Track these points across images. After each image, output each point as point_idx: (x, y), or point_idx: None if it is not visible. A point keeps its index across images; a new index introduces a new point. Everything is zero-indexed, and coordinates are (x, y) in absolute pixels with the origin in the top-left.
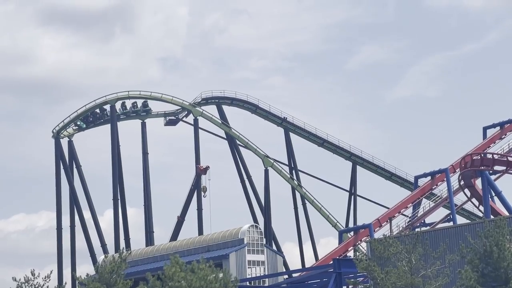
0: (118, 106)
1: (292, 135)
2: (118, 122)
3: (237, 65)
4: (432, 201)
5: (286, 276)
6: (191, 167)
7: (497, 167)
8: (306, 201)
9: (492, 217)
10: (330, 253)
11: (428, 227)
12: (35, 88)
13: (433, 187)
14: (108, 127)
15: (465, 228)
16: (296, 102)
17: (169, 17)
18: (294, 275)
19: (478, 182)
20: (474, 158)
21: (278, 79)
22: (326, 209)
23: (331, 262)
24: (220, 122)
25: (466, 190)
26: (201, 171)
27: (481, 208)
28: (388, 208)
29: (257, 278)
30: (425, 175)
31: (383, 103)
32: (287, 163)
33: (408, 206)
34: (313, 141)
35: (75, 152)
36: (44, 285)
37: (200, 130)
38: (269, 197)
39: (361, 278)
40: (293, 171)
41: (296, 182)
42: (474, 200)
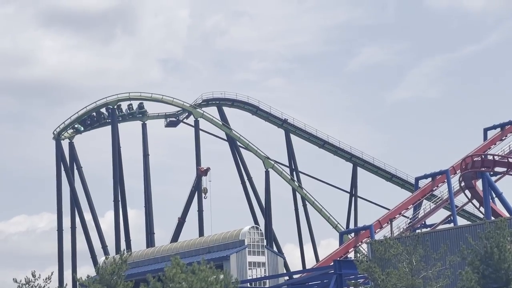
0: (109, 110)
1: (293, 137)
2: (119, 124)
3: (238, 67)
4: (433, 203)
5: (287, 278)
6: (192, 169)
7: (498, 169)
8: (307, 203)
9: (493, 219)
10: (331, 255)
11: (429, 229)
12: (36, 90)
13: (434, 189)
14: (109, 129)
15: (466, 230)
16: (297, 104)
17: (170, 19)
18: (295, 277)
19: (479, 184)
20: (475, 160)
21: (279, 81)
22: (327, 211)
23: (332, 264)
24: (221, 124)
25: (467, 192)
26: (202, 173)
27: (482, 210)
28: (389, 210)
29: (258, 280)
30: (426, 177)
31: (384, 105)
32: (288, 165)
33: (409, 208)
34: (314, 143)
35: (76, 154)
36: (45, 287)
37: (201, 132)
38: (270, 199)
39: (362, 280)
40: (294, 173)
41: (297, 184)
42: (475, 202)
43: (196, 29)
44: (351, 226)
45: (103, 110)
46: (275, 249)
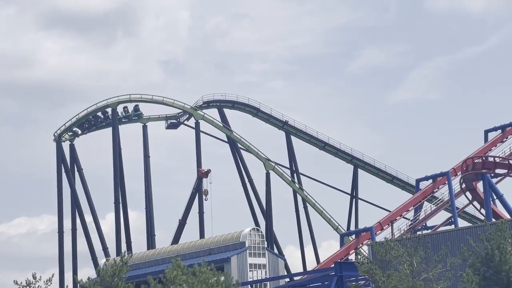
0: (109, 112)
1: (294, 138)
2: (120, 126)
3: (239, 69)
4: (434, 204)
5: (288, 280)
6: (193, 170)
7: (499, 170)
8: (308, 204)
9: (494, 220)
10: (332, 256)
11: (430, 230)
12: (37, 92)
13: (435, 190)
14: (109, 131)
15: (467, 231)
16: (298, 106)
17: (171, 21)
18: (296, 279)
19: (480, 185)
20: (476, 161)
21: (280, 83)
22: (328, 212)
23: (333, 266)
24: (222, 126)
25: (468, 193)
26: (203, 174)
27: (483, 211)
28: (390, 211)
29: (259, 282)
30: (427, 178)
31: (385, 107)
32: (289, 166)
33: (410, 209)
34: (315, 144)
35: (77, 156)
36: None
37: (202, 134)
38: (271, 200)
39: (363, 282)
40: (295, 174)
41: (298, 185)
42: (476, 203)
43: (197, 31)
44: (352, 228)
45: (100, 114)
46: (276, 251)
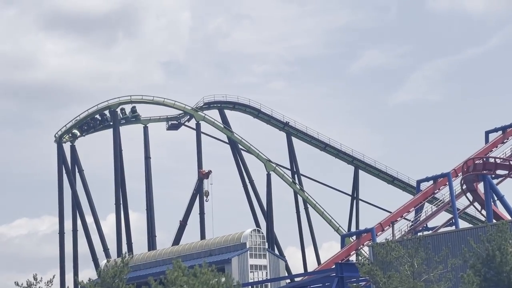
0: (107, 114)
1: (294, 140)
2: (120, 127)
3: (240, 70)
4: (434, 205)
5: (288, 281)
6: (193, 172)
7: (499, 171)
8: (308, 205)
9: (495, 221)
10: (332, 258)
11: (431, 231)
12: (38, 93)
13: (435, 191)
14: (110, 132)
15: (468, 232)
16: (298, 107)
17: (172, 22)
18: (296, 280)
19: (480, 186)
20: (476, 162)
21: (280, 84)
22: (328, 213)
23: (333, 267)
24: (222, 127)
25: (468, 194)
26: (203, 176)
27: (484, 212)
28: (391, 212)
29: (260, 283)
30: (427, 179)
31: (385, 108)
32: (289, 168)
33: (411, 210)
34: (315, 146)
35: (78, 157)
36: None
37: (202, 135)
38: (271, 202)
39: (364, 283)
40: (295, 176)
41: (298, 186)
42: (476, 204)
43: (198, 32)
44: (353, 229)
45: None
46: (277, 252)
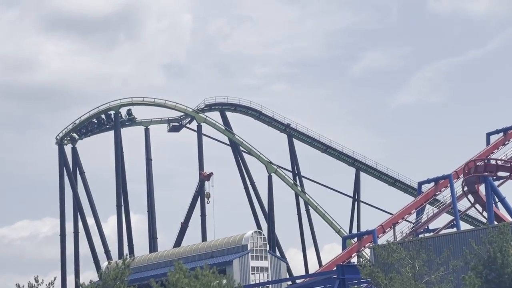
0: (105, 116)
1: (296, 141)
2: (122, 129)
3: (241, 72)
4: (436, 207)
5: (290, 282)
6: (195, 173)
7: (501, 173)
8: (310, 207)
9: (496, 223)
10: (334, 259)
11: (432, 233)
12: (39, 95)
13: (437, 193)
14: (111, 134)
15: (469, 234)
16: (300, 108)
17: (173, 24)
18: (298, 281)
19: (482, 188)
20: (478, 164)
21: (282, 86)
22: (330, 215)
23: (335, 268)
24: (224, 128)
25: (470, 196)
26: (205, 177)
27: (485, 214)
28: (392, 214)
29: (261, 285)
30: (429, 181)
31: (387, 109)
32: (291, 169)
33: (412, 212)
34: (317, 147)
35: (79, 159)
36: None
37: (204, 137)
38: (273, 203)
39: (365, 284)
40: (297, 177)
41: (300, 188)
42: (478, 206)
43: (199, 34)
44: (354, 231)
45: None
46: (278, 254)
